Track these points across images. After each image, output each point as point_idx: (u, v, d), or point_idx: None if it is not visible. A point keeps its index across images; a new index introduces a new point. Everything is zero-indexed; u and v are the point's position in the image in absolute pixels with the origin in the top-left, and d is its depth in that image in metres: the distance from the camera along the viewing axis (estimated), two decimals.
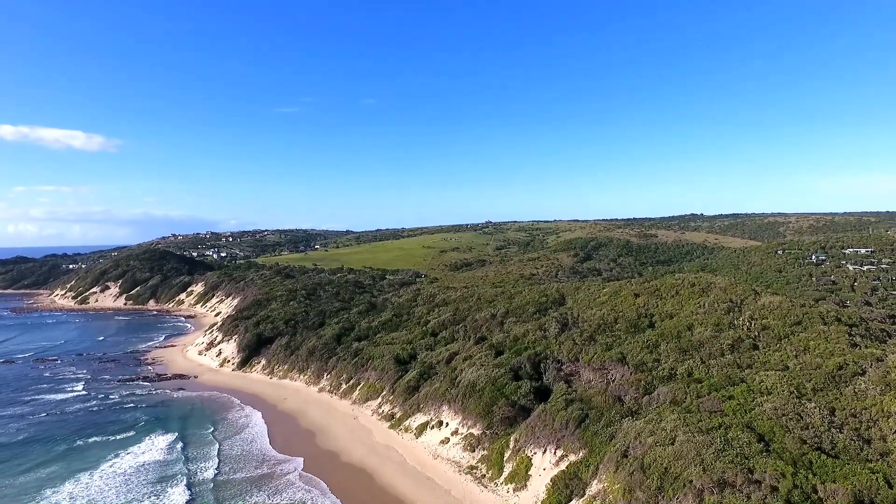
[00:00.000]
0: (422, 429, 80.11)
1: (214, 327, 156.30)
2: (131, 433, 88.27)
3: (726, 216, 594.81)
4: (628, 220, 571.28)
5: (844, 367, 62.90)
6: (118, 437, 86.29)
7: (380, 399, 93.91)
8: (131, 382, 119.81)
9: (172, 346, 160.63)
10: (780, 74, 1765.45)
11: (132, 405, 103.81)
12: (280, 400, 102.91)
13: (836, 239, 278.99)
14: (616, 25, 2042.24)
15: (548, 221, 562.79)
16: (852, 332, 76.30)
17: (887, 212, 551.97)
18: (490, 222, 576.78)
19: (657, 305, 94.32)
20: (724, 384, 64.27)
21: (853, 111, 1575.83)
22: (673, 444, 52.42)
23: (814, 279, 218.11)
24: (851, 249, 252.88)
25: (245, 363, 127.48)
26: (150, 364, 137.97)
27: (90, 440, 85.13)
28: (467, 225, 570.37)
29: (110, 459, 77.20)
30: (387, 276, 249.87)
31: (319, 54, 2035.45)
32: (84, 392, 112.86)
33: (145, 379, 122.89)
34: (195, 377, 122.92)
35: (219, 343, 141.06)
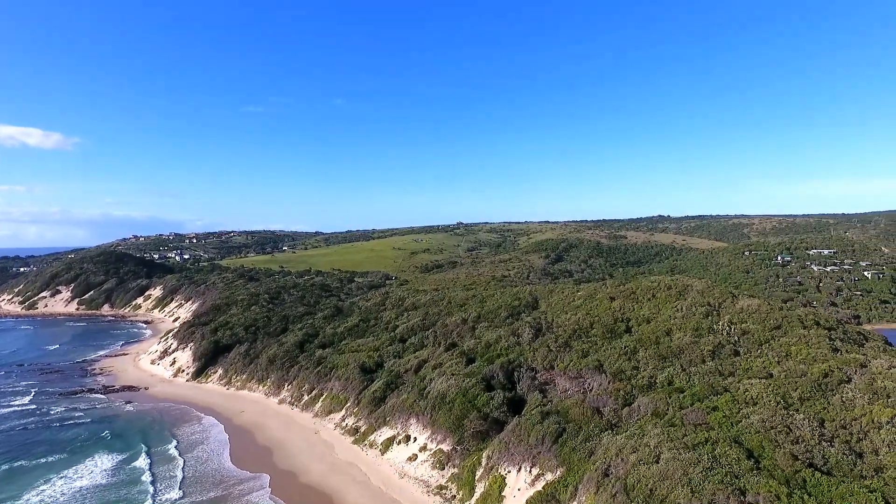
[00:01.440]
0: (388, 444, 74.73)
1: (170, 334, 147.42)
2: (67, 454, 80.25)
3: (692, 218, 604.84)
4: (598, 221, 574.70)
5: (830, 374, 60.25)
6: (52, 460, 78.05)
7: (343, 411, 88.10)
8: (75, 396, 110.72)
9: (124, 354, 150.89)
10: (740, 84, 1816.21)
11: (72, 422, 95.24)
12: (236, 413, 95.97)
13: (800, 240, 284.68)
14: (586, 29, 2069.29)
15: (519, 223, 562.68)
16: (832, 337, 74.29)
17: (843, 214, 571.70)
18: (461, 223, 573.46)
19: (634, 309, 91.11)
20: (708, 394, 60.86)
21: (810, 118, 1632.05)
22: (657, 462, 48.46)
23: (781, 280, 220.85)
24: (815, 250, 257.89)
25: (201, 373, 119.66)
26: (97, 375, 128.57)
27: (16, 464, 76.42)
28: (439, 226, 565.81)
29: (39, 486, 69.28)
30: (355, 279, 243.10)
31: (288, 53, 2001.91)
32: (19, 408, 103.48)
33: (91, 391, 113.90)
34: (146, 389, 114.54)
35: (173, 351, 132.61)
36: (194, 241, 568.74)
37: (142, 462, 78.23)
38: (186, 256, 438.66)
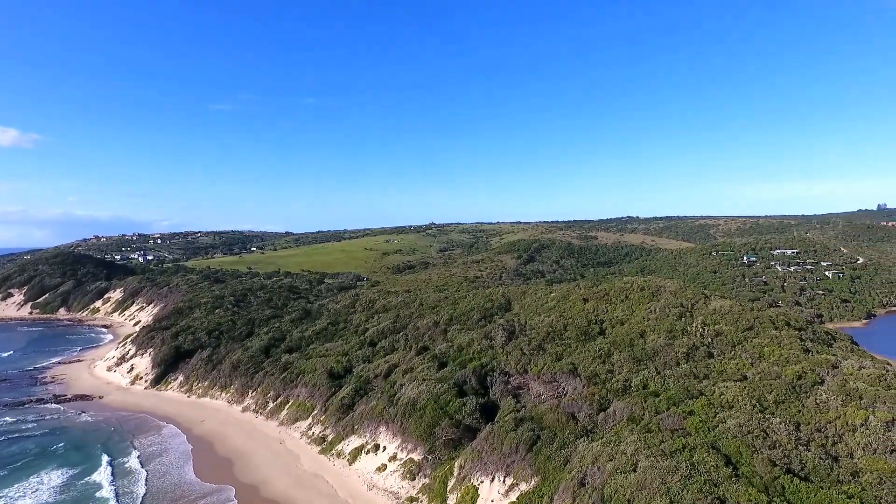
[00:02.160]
0: (356, 454, 71.68)
1: (128, 339, 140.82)
2: (8, 471, 74.81)
3: (661, 219, 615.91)
4: (569, 222, 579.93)
5: (803, 375, 59.86)
6: None
7: (310, 419, 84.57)
8: (22, 407, 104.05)
9: (79, 360, 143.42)
10: (705, 88, 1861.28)
11: (18, 435, 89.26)
12: (196, 422, 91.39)
13: (765, 241, 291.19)
14: (558, 30, 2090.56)
15: (491, 223, 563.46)
16: (803, 337, 74.41)
17: (803, 215, 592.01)
18: (434, 224, 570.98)
19: (607, 311, 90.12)
20: (683, 397, 59.80)
21: (771, 123, 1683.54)
22: (635, 470, 46.88)
23: (747, 280, 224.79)
24: (779, 251, 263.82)
25: (160, 380, 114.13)
26: (49, 383, 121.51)
27: None
28: (411, 227, 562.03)
29: None
30: (325, 280, 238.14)
31: (257, 51, 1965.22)
32: None
33: (40, 401, 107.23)
34: (100, 397, 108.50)
35: (131, 357, 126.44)
36: (159, 241, 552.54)
37: (97, 477, 73.64)
38: (150, 257, 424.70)
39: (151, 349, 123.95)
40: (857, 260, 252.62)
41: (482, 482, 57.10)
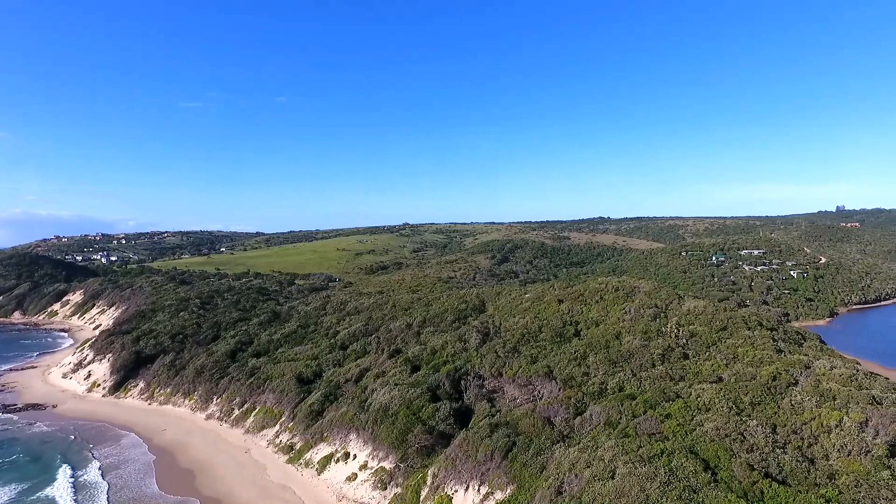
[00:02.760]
0: (325, 462, 68.92)
1: (87, 344, 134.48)
2: None
3: (631, 219, 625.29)
4: (542, 222, 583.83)
5: (778, 377, 59.63)
6: None
7: (278, 426, 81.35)
8: None
9: (33, 367, 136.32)
10: (673, 93, 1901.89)
11: None
12: (158, 431, 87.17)
13: (732, 241, 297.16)
14: (527, 30, 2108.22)
15: (465, 223, 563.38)
16: (775, 337, 74.72)
17: (767, 216, 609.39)
18: (408, 224, 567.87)
19: (582, 312, 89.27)
20: (659, 400, 58.93)
21: (738, 127, 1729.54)
22: (613, 477, 45.54)
23: (716, 279, 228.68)
24: (746, 251, 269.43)
25: (119, 387, 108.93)
26: None
27: None
28: (384, 227, 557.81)
29: None
30: (296, 282, 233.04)
31: (227, 48, 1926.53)
32: None
33: None
34: (54, 406, 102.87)
35: (89, 363, 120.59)
36: (123, 241, 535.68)
37: (50, 491, 69.53)
38: (114, 258, 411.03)
39: (111, 354, 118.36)
40: (820, 260, 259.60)
41: (456, 491, 55.15)
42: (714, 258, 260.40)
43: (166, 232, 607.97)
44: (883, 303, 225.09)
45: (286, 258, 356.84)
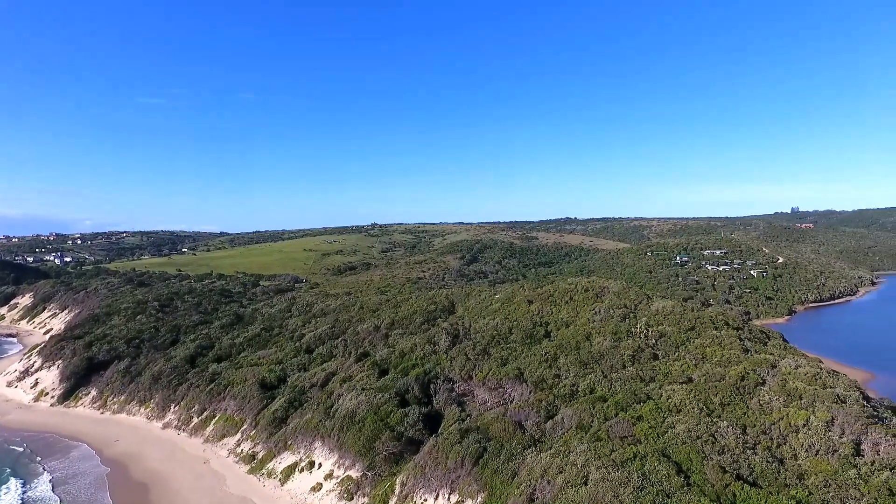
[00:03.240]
0: (289, 472, 66.16)
1: (35, 350, 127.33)
2: None
3: (598, 220, 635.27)
4: (511, 222, 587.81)
5: (746, 376, 59.88)
6: None
7: (239, 435, 77.97)
8: None
9: None
10: (636, 95, 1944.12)
11: None
12: (109, 442, 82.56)
13: (695, 242, 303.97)
14: (494, 29, 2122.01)
15: (434, 224, 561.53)
16: (741, 337, 75.42)
17: (727, 217, 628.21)
18: (376, 224, 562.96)
19: (552, 313, 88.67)
20: (631, 402, 58.43)
21: (701, 128, 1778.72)
22: (586, 483, 44.58)
23: (680, 279, 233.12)
24: (709, 251, 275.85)
25: (69, 395, 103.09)
26: None
27: None
28: (353, 227, 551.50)
29: None
30: (261, 283, 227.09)
31: (191, 43, 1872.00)
32: None
33: None
34: None
35: (36, 370, 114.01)
36: (79, 242, 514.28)
37: None
38: (68, 259, 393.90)
39: (60, 361, 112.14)
40: (778, 259, 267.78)
41: (426, 500, 53.36)
42: (678, 258, 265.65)
43: (125, 232, 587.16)
44: (836, 301, 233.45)
45: (251, 259, 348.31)
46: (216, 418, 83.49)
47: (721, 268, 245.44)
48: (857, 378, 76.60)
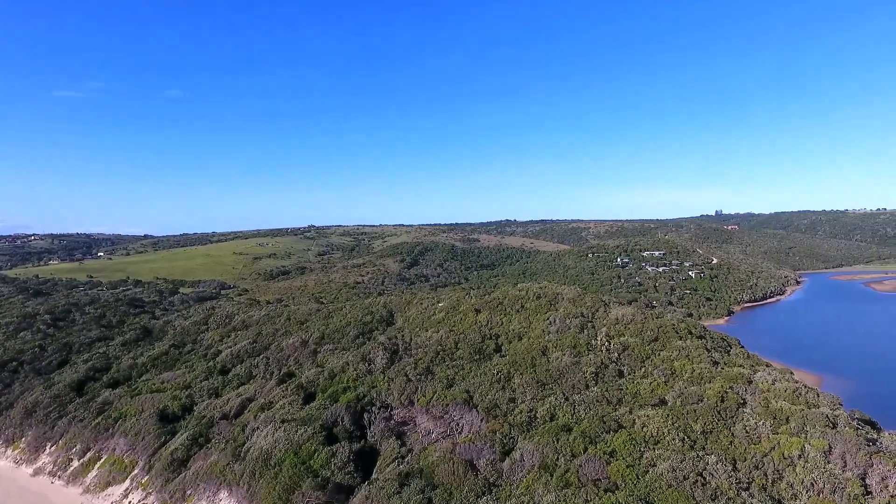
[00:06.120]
0: None
1: None
2: None
3: (536, 222, 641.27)
4: (452, 224, 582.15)
5: (725, 397, 52.65)
6: None
7: (128, 482, 63.70)
8: None
9: None
10: (571, 98, 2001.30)
11: None
12: None
13: (634, 243, 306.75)
14: (441, 32, 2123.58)
15: (374, 226, 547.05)
16: (707, 347, 69.07)
17: (658, 219, 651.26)
18: (313, 226, 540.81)
19: (502, 323, 79.57)
20: (599, 431, 49.83)
21: (634, 135, 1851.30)
22: None
23: (623, 281, 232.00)
24: (648, 252, 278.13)
25: None
26: None
27: None
28: (288, 229, 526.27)
29: None
30: (180, 290, 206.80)
31: (113, 34, 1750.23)
32: None
33: None
34: None
35: None
36: None
37: None
38: None
39: None
40: (712, 260, 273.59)
41: None
42: (619, 260, 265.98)
43: (33, 235, 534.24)
44: (768, 300, 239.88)
45: (174, 263, 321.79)
46: (102, 461, 68.47)
47: (661, 269, 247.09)
48: (807, 383, 72.44)
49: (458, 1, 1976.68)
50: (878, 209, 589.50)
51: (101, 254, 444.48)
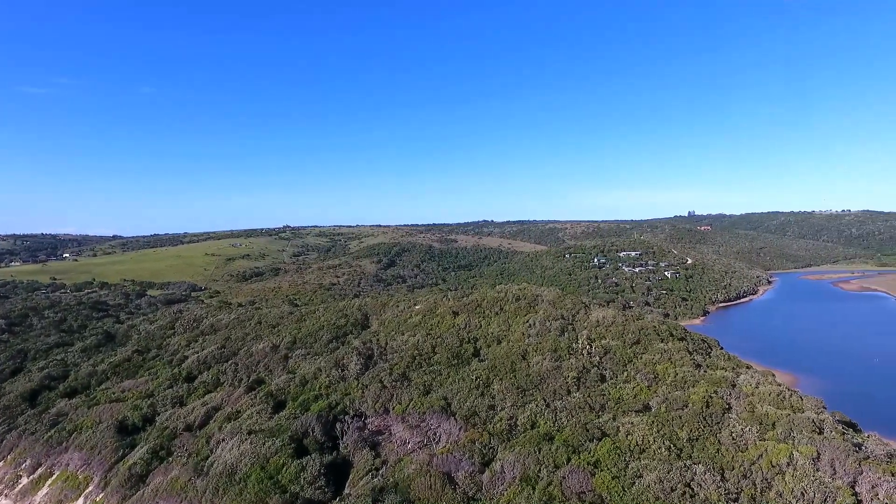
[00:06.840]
0: None
1: None
2: None
3: (514, 222, 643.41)
4: (429, 225, 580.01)
5: (710, 402, 51.23)
6: None
7: (82, 499, 59.36)
8: None
9: None
10: (547, 101, 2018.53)
11: None
12: None
13: (611, 244, 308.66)
14: (423, 34, 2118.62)
15: (350, 226, 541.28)
16: (689, 349, 67.82)
17: (633, 220, 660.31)
18: (289, 227, 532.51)
19: (481, 326, 77.30)
20: (583, 440, 47.80)
21: (610, 137, 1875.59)
22: None
23: (600, 281, 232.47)
24: (624, 253, 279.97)
25: None
26: None
27: None
28: (262, 229, 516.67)
29: None
30: (148, 293, 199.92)
31: (84, 29, 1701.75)
32: None
33: None
34: None
35: None
36: None
37: None
38: None
39: None
40: (687, 261, 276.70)
41: None
42: (596, 260, 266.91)
43: None
44: (742, 300, 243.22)
45: (143, 265, 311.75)
46: (53, 477, 63.92)
47: (637, 269, 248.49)
48: (784, 383, 72.08)
49: (433, 4, 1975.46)
50: (843, 210, 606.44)
51: (67, 255, 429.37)
